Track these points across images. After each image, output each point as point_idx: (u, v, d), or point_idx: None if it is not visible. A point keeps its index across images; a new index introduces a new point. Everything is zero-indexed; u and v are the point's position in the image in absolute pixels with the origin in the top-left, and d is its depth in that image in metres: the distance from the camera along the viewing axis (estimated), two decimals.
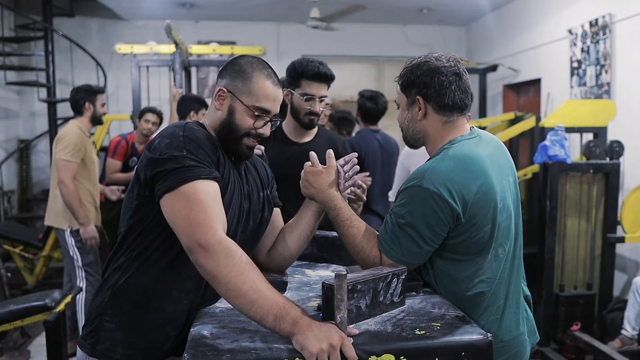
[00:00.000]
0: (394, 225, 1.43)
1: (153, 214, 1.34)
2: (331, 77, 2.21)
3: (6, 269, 4.30)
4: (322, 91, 2.20)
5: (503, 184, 1.46)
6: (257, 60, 1.47)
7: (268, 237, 1.61)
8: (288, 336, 1.16)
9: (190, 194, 1.26)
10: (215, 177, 1.31)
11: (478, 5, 6.39)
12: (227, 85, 1.44)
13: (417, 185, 1.39)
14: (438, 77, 1.46)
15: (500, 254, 1.46)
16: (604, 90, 4.48)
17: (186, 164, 1.28)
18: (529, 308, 1.61)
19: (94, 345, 1.40)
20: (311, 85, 2.17)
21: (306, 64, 2.18)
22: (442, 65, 1.47)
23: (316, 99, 2.18)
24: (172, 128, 1.36)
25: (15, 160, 6.70)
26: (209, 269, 1.21)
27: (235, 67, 1.45)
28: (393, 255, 1.43)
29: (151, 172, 1.30)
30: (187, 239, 1.24)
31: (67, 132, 3.55)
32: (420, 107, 1.50)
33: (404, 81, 1.52)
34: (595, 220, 3.61)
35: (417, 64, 1.50)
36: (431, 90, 1.47)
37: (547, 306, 3.51)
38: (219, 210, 1.28)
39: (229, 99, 1.43)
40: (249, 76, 1.43)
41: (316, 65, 2.17)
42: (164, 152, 1.30)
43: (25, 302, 2.62)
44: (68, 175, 3.44)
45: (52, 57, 6.05)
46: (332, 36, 6.83)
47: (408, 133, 1.56)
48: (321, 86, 2.19)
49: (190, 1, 6.23)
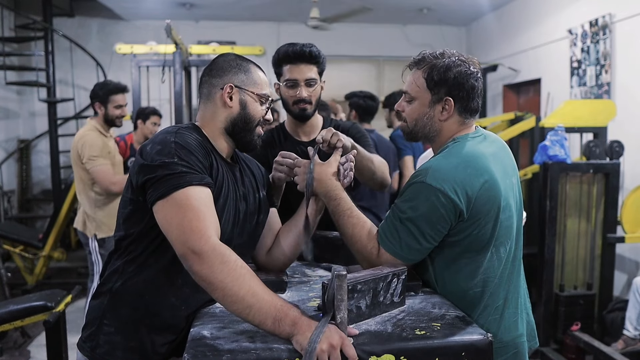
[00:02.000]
0: (396, 219, 1.43)
1: (147, 219, 1.33)
2: (312, 54, 1.93)
3: (6, 269, 4.31)
4: (307, 73, 1.94)
5: (506, 183, 1.46)
6: (239, 56, 1.51)
7: (267, 237, 1.61)
8: (288, 338, 1.16)
9: (182, 201, 1.25)
10: (207, 183, 1.30)
11: (478, 5, 6.39)
12: (232, 81, 1.45)
13: (420, 182, 1.40)
14: (471, 82, 1.46)
15: (502, 253, 1.46)
16: (604, 90, 4.48)
17: (177, 170, 1.27)
18: (530, 311, 1.61)
19: (93, 348, 1.40)
20: (291, 69, 1.92)
21: (285, 47, 1.95)
22: (474, 69, 1.47)
23: (300, 83, 1.94)
24: (164, 134, 1.35)
25: (15, 160, 6.71)
26: (203, 275, 1.20)
27: (232, 64, 1.47)
28: (391, 249, 1.43)
29: (142, 178, 1.30)
30: (180, 246, 1.23)
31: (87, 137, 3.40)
32: (445, 108, 1.48)
33: (435, 79, 1.47)
34: (595, 220, 3.61)
35: (449, 64, 1.46)
36: (462, 93, 1.46)
37: (547, 306, 3.51)
38: (212, 216, 1.27)
39: (238, 93, 1.45)
40: (248, 68, 1.48)
41: (293, 45, 1.93)
42: (155, 158, 1.29)
43: (25, 302, 2.63)
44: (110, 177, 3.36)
45: (52, 57, 6.05)
46: (332, 36, 6.82)
47: (422, 130, 1.53)
48: (304, 68, 1.93)
49: (190, 1, 6.23)
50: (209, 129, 1.46)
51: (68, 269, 5.72)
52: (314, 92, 1.97)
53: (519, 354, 1.49)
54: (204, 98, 1.49)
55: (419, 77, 1.50)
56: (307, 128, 2.07)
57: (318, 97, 2.00)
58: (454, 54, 1.49)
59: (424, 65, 1.50)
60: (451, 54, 1.49)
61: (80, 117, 6.71)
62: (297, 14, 6.57)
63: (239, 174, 1.50)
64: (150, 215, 1.30)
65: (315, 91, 1.98)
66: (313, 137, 2.04)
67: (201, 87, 1.50)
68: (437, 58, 1.48)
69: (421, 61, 1.51)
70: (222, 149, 1.47)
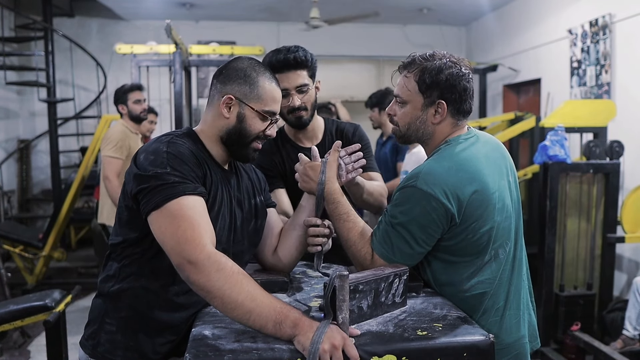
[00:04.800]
0: (387, 224, 1.43)
1: (141, 226, 1.32)
2: (298, 60, 1.83)
3: (6, 269, 4.30)
4: (297, 80, 1.85)
5: (501, 184, 1.45)
6: (257, 62, 1.46)
7: (270, 238, 1.61)
8: (290, 339, 1.16)
9: (176, 211, 1.24)
10: (200, 192, 1.30)
11: (478, 5, 6.39)
12: (233, 92, 1.41)
13: (411, 186, 1.39)
14: (463, 83, 1.45)
15: (501, 254, 1.45)
16: (604, 90, 4.48)
17: (170, 180, 1.26)
18: (533, 312, 1.60)
19: (94, 347, 1.40)
20: (280, 78, 1.73)
21: (269, 56, 1.86)
22: (465, 70, 1.46)
23: (291, 91, 1.86)
24: (157, 143, 1.34)
25: (15, 160, 6.71)
26: (201, 284, 1.20)
27: (239, 73, 1.42)
28: (384, 254, 1.43)
29: (135, 187, 1.30)
30: (176, 256, 1.23)
31: (110, 130, 3.70)
32: (438, 111, 1.47)
33: (427, 82, 1.45)
34: (595, 220, 3.61)
35: (440, 66, 1.44)
36: (455, 95, 1.45)
37: (547, 306, 3.50)
38: (206, 224, 1.27)
39: (237, 105, 1.41)
40: (255, 81, 1.42)
41: (277, 53, 1.84)
42: (148, 169, 1.28)
43: (25, 302, 2.62)
44: (111, 170, 3.53)
45: (52, 57, 6.05)
46: (332, 36, 6.82)
47: (415, 133, 1.52)
48: (292, 75, 1.84)
49: (190, 1, 6.23)
50: (207, 133, 1.45)
51: (68, 269, 5.72)
52: (307, 98, 1.89)
53: (520, 355, 1.49)
54: (209, 100, 1.47)
55: (410, 80, 1.48)
56: (308, 133, 2.01)
57: (313, 101, 1.92)
58: (445, 55, 1.48)
59: (415, 68, 1.48)
60: (442, 55, 1.47)
61: (80, 117, 6.71)
62: (297, 14, 6.57)
63: (235, 180, 1.49)
64: (145, 223, 1.30)
65: (309, 96, 1.90)
66: (315, 142, 1.99)
67: (211, 88, 1.47)
68: (427, 60, 1.46)
69: (411, 64, 1.49)
70: (219, 156, 1.45)
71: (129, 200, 1.34)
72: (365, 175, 1.95)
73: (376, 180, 1.98)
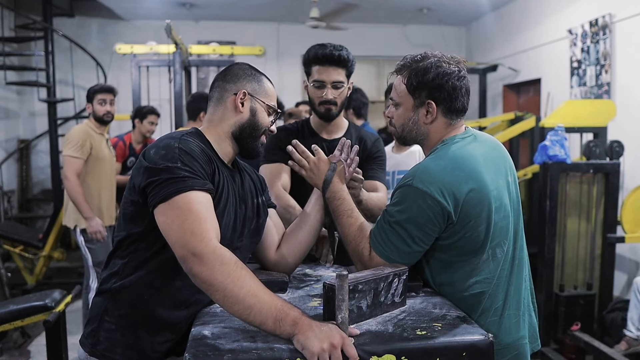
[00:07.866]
0: (385, 223, 1.44)
1: (147, 221, 1.34)
2: (341, 58, 1.97)
3: (6, 269, 4.30)
4: (334, 76, 1.98)
5: (499, 183, 1.45)
6: (253, 67, 1.57)
7: (272, 236, 1.63)
8: (289, 338, 1.16)
9: (184, 204, 1.27)
10: (208, 189, 1.33)
11: (478, 5, 6.39)
12: (245, 88, 1.50)
13: (408, 185, 1.41)
14: (452, 82, 1.46)
15: (499, 254, 1.45)
16: (604, 90, 4.48)
17: (180, 174, 1.29)
18: (535, 313, 1.59)
19: (94, 345, 1.41)
20: (320, 71, 1.98)
21: (315, 48, 2.00)
22: (454, 69, 1.46)
23: (327, 85, 1.99)
24: (168, 139, 1.37)
25: (15, 160, 6.71)
26: (204, 277, 1.21)
27: (247, 72, 1.52)
28: (382, 253, 1.44)
29: (145, 181, 1.32)
30: (180, 248, 1.24)
31: (72, 130, 3.67)
32: (429, 111, 1.49)
33: (414, 83, 1.47)
34: (595, 220, 3.61)
35: (427, 66, 1.46)
36: (443, 94, 1.46)
37: (547, 306, 3.51)
38: (212, 219, 1.30)
39: (250, 100, 1.50)
40: (261, 79, 1.54)
41: (323, 47, 1.98)
42: (159, 162, 1.31)
43: (25, 302, 2.62)
44: (70, 170, 3.52)
45: (52, 57, 6.05)
46: (332, 36, 6.82)
47: (409, 134, 1.55)
48: (332, 70, 1.98)
49: (190, 1, 6.23)
50: (214, 132, 1.49)
51: (68, 269, 5.72)
52: (340, 95, 2.02)
53: (520, 356, 1.48)
54: (214, 101, 1.52)
55: (400, 82, 1.52)
56: (331, 127, 2.11)
57: (344, 99, 2.04)
58: (435, 55, 1.49)
59: (405, 71, 1.51)
60: (432, 55, 1.49)
61: (80, 117, 6.70)
62: (297, 14, 6.57)
63: (239, 179, 1.53)
64: (151, 218, 1.32)
65: (342, 93, 2.02)
66: (335, 137, 2.09)
67: (212, 91, 1.53)
68: (416, 62, 1.49)
69: (403, 66, 1.52)
70: (225, 154, 1.49)
71: (135, 195, 1.36)
72: (371, 183, 2.01)
73: (379, 192, 2.02)
